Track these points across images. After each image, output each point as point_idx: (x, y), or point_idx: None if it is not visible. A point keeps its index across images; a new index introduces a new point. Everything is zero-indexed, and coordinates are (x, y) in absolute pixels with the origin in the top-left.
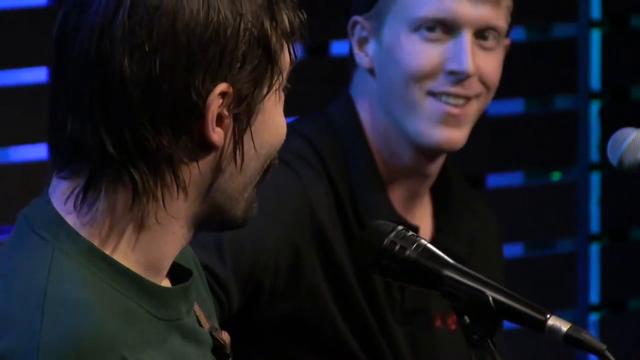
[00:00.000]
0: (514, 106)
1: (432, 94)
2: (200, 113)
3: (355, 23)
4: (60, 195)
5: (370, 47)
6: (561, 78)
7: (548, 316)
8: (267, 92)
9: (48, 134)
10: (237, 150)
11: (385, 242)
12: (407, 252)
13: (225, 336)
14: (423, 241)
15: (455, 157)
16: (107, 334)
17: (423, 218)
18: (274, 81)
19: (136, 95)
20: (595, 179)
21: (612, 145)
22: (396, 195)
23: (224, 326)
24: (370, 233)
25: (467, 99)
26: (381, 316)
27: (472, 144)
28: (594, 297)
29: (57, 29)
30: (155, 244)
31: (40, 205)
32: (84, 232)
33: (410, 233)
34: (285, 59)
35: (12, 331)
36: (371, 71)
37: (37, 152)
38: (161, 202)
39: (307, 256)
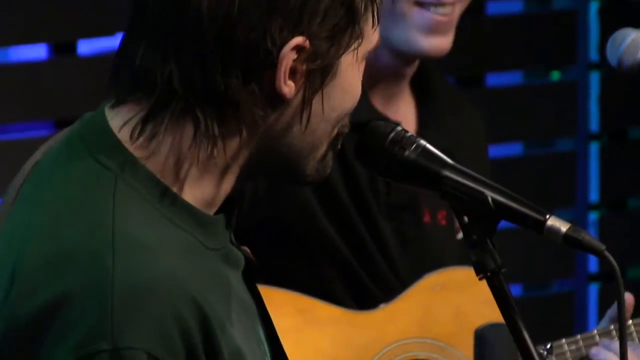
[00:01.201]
0: (513, 5)
1: (419, 3)
2: (273, 62)
3: None
4: (119, 122)
5: None
6: None
7: (547, 216)
8: (344, 52)
9: (116, 58)
10: (305, 110)
11: (385, 142)
12: (407, 153)
13: (248, 253)
14: (422, 142)
15: (454, 57)
16: (178, 278)
17: (406, 114)
18: (352, 42)
19: (210, 33)
20: (594, 78)
21: (611, 45)
22: (376, 95)
23: None
24: (370, 133)
25: (452, 4)
26: (366, 213)
27: (472, 44)
28: (594, 195)
29: None
30: (212, 183)
31: (98, 127)
32: (143, 159)
33: (410, 134)
34: (368, 23)
35: (83, 267)
36: None
37: (37, 51)
38: (221, 145)
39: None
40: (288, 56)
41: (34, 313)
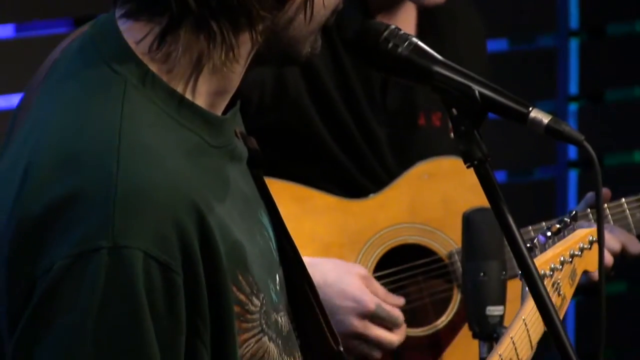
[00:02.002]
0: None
1: None
2: None
3: None
4: (134, 35)
5: None
6: None
7: (530, 109)
8: None
9: None
10: (308, 3)
11: (380, 39)
12: (400, 50)
13: (253, 143)
14: (414, 39)
15: None
16: (179, 182)
17: (408, 26)
18: None
19: None
20: None
21: None
22: (378, 14)
23: None
24: (364, 31)
25: None
26: (361, 119)
27: None
28: (573, 88)
29: None
30: (221, 83)
31: (110, 35)
32: (154, 69)
33: (403, 32)
34: None
35: (89, 169)
36: None
37: None
38: (236, 51)
39: (289, 70)
40: None
41: (43, 208)
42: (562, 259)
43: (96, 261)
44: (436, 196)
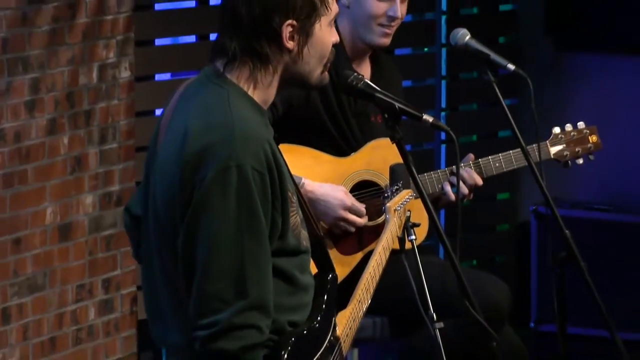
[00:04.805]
0: None
1: (381, 24)
2: (278, 35)
3: None
4: (220, 67)
5: None
6: None
7: (422, 114)
8: (316, 22)
9: (213, 44)
10: (302, 52)
11: (350, 80)
12: (359, 85)
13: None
14: (366, 80)
15: None
16: (259, 131)
17: (366, 71)
18: (315, 19)
19: (249, 26)
20: None
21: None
22: (354, 60)
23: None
24: (343, 76)
25: (396, 24)
26: (344, 116)
27: None
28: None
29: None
30: (265, 94)
31: (211, 70)
32: (238, 83)
33: (361, 76)
34: (323, 8)
35: (219, 130)
36: (347, 6)
37: None
38: (265, 75)
39: (312, 92)
40: (285, 29)
41: (199, 147)
42: (402, 202)
43: (229, 173)
44: (379, 157)
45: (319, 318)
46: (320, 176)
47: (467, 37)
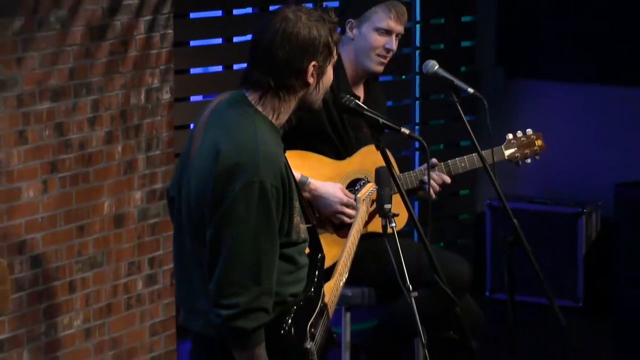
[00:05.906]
0: None
1: (378, 55)
2: (305, 72)
3: (350, 22)
4: (251, 97)
5: (355, 30)
6: None
7: (401, 128)
8: (328, 64)
9: (243, 74)
10: (318, 86)
11: (344, 100)
12: (351, 104)
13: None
14: (357, 101)
15: None
16: (277, 154)
17: (361, 93)
18: (330, 59)
19: (284, 66)
20: None
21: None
22: (352, 84)
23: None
24: (339, 98)
25: (390, 56)
26: (343, 126)
27: None
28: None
29: (254, 35)
30: (282, 118)
31: (240, 96)
32: (260, 109)
33: (355, 97)
34: (332, 54)
35: (246, 151)
36: (352, 39)
37: None
38: (285, 104)
39: (320, 108)
40: (310, 68)
41: (231, 164)
42: (369, 194)
43: (253, 187)
44: (370, 160)
45: (312, 289)
46: (323, 176)
47: (436, 67)
